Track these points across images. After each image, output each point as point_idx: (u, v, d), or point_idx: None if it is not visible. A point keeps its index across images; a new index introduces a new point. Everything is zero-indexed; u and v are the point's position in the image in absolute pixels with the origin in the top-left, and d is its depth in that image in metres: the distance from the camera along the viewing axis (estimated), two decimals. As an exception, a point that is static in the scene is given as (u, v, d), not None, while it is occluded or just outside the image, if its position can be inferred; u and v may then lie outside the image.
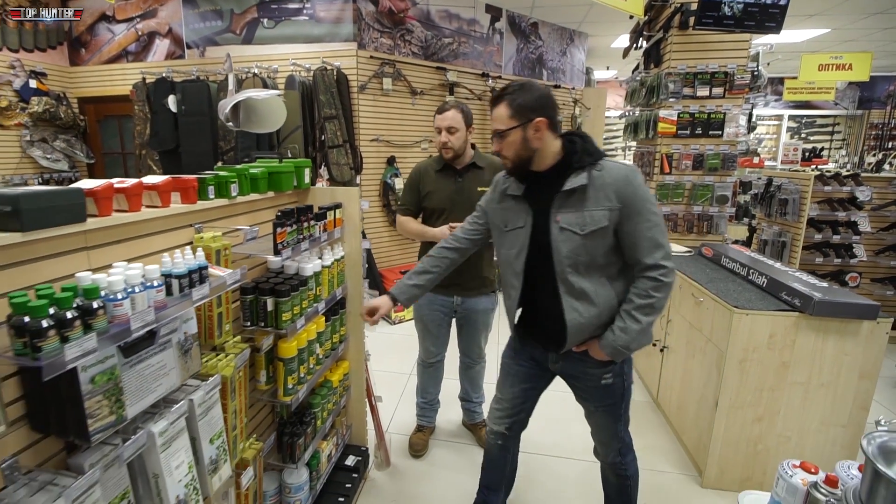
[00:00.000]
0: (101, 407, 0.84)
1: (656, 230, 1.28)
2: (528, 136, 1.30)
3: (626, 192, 1.27)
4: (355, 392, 2.08)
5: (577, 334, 1.36)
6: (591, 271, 1.33)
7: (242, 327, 1.44)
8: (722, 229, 3.31)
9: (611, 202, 1.27)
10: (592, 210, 1.29)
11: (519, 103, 1.29)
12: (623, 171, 1.30)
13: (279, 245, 1.36)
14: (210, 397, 1.13)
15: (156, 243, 1.15)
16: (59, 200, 0.86)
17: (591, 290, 1.33)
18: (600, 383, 1.43)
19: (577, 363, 1.44)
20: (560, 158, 1.34)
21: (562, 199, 1.32)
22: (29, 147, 4.47)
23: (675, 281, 1.31)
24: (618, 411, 1.49)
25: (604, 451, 1.60)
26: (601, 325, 1.35)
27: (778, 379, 1.99)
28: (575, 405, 1.58)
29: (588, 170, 1.29)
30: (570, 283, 1.33)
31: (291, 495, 1.60)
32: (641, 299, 1.29)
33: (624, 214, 1.28)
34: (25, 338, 0.68)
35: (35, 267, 0.86)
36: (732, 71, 3.05)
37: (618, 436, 1.53)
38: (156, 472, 0.99)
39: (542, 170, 1.36)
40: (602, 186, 1.28)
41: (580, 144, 1.34)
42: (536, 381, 1.59)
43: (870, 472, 0.80)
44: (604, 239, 1.30)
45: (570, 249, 1.31)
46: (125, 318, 0.81)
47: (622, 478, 1.59)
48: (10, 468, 0.82)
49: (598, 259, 1.32)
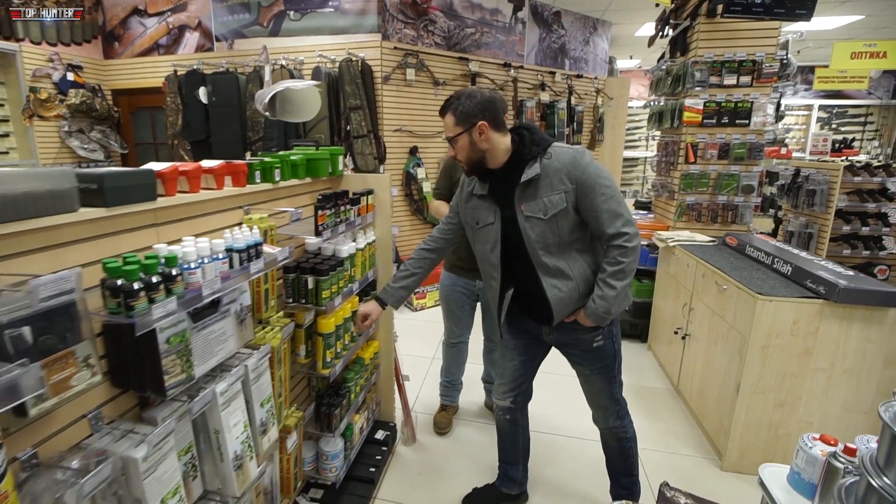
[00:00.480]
0: (174, 365, 0.94)
1: (612, 201, 1.37)
2: (474, 139, 1.40)
3: (576, 173, 1.37)
4: (384, 370, 2.17)
5: (562, 308, 1.46)
6: (561, 249, 1.43)
7: (285, 304, 1.54)
8: (747, 219, 3.29)
9: (564, 185, 1.38)
10: (550, 195, 1.39)
11: (461, 111, 1.39)
12: (570, 153, 1.39)
13: (320, 226, 1.45)
14: (261, 364, 1.23)
15: (212, 222, 1.24)
16: (135, 180, 0.95)
17: (564, 266, 1.43)
18: (592, 346, 1.54)
19: (568, 332, 1.54)
20: (512, 153, 1.44)
21: (521, 190, 1.42)
22: (67, 137, 4.67)
23: (639, 243, 1.39)
24: (612, 372, 1.59)
25: (603, 416, 1.68)
26: (581, 295, 1.45)
27: (801, 365, 2.00)
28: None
29: (539, 159, 1.39)
30: (545, 264, 1.44)
31: (328, 462, 1.70)
32: (612, 267, 1.39)
33: (579, 193, 1.37)
34: (119, 298, 0.78)
35: (115, 239, 0.96)
36: (761, 59, 3.00)
37: (614, 397, 1.63)
38: (217, 429, 1.09)
39: (498, 166, 1.45)
40: (555, 172, 1.38)
41: (528, 137, 1.44)
42: (533, 352, 1.70)
43: (887, 437, 0.84)
44: (566, 219, 1.40)
45: (538, 234, 1.42)
46: (198, 286, 0.91)
47: (622, 440, 1.68)
48: (94, 418, 0.93)
49: (565, 237, 1.42)
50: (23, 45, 4.30)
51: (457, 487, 1.98)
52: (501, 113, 1.42)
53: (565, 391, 2.65)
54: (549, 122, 5.13)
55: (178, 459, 0.97)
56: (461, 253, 2.13)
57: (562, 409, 2.58)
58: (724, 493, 1.99)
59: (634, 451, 1.74)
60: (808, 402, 2.03)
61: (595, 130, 5.81)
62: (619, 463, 1.76)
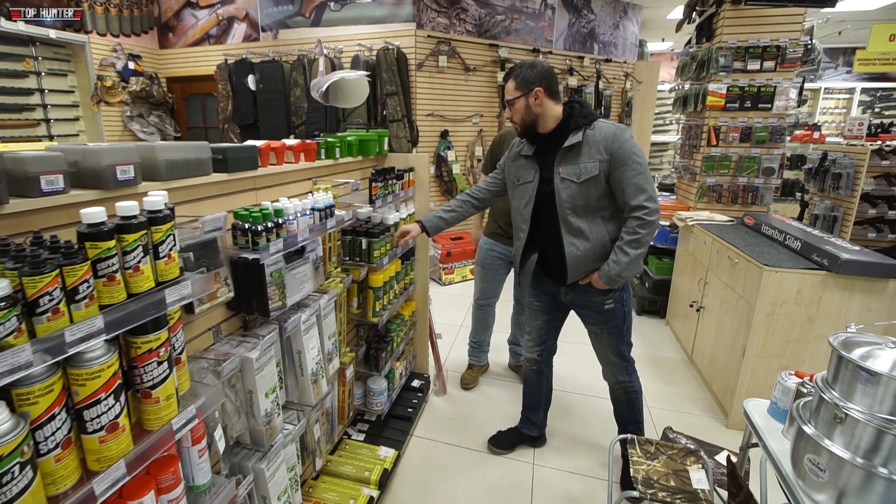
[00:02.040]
0: (274, 294, 1.24)
1: (640, 177, 1.55)
2: (529, 103, 1.61)
3: (613, 146, 1.56)
4: (420, 328, 2.46)
5: (576, 266, 1.67)
6: (587, 213, 1.63)
7: (341, 261, 1.83)
8: (767, 200, 3.39)
9: (601, 155, 1.57)
10: (586, 162, 1.58)
11: (521, 77, 1.60)
12: (612, 128, 1.58)
13: (374, 196, 1.72)
14: (329, 304, 1.53)
15: (291, 189, 1.53)
16: (246, 153, 1.24)
17: (586, 228, 1.64)
18: (604, 308, 1.75)
19: (583, 294, 1.75)
20: (560, 122, 1.65)
21: (562, 155, 1.61)
22: (129, 122, 5.12)
23: (658, 219, 1.58)
24: (620, 332, 1.80)
25: (612, 370, 1.90)
26: (595, 258, 1.65)
27: (804, 332, 2.18)
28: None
29: (583, 129, 1.59)
30: (570, 223, 1.65)
31: (374, 398, 2.01)
32: (630, 236, 1.57)
33: (612, 165, 1.56)
34: (247, 237, 1.07)
35: (230, 198, 1.26)
36: (784, 45, 3.08)
37: (622, 354, 1.84)
38: (299, 350, 1.40)
39: (546, 132, 1.65)
40: (595, 142, 1.58)
41: (578, 109, 1.64)
42: (554, 313, 1.94)
43: (834, 358, 1.06)
44: (596, 186, 1.59)
45: (569, 195, 1.61)
46: (294, 233, 1.19)
47: (630, 393, 1.91)
48: (216, 331, 1.24)
49: (592, 202, 1.61)
50: (91, 36, 4.72)
51: (481, 431, 2.27)
52: (557, 84, 1.65)
53: (586, 355, 2.89)
54: (576, 106, 5.25)
55: (275, 367, 1.28)
56: (501, 222, 2.40)
57: (580, 370, 2.82)
58: (727, 446, 2.20)
59: (640, 403, 1.96)
60: (810, 367, 2.20)
61: (623, 114, 5.88)
62: (627, 413, 1.98)
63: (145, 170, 0.97)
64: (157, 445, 0.81)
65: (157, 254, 0.79)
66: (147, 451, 0.79)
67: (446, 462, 2.07)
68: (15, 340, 0.59)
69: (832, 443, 1.00)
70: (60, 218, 0.82)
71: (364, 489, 1.70)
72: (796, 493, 1.06)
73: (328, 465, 1.81)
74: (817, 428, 1.05)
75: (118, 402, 0.73)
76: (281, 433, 1.30)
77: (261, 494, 1.27)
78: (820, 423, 1.05)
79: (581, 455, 2.14)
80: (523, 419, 2.16)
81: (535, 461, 2.10)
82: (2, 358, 0.57)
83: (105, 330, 0.68)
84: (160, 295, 0.78)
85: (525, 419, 2.15)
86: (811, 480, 1.04)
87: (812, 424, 1.07)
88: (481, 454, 2.13)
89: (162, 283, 0.80)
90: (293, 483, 1.40)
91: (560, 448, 2.19)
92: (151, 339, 0.78)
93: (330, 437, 1.79)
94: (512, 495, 1.90)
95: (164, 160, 0.99)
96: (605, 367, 1.93)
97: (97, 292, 0.69)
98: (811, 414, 1.11)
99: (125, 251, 0.73)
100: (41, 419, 0.65)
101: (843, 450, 0.98)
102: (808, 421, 1.08)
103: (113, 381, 0.71)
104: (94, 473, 0.73)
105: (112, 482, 0.73)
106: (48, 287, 0.62)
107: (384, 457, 1.89)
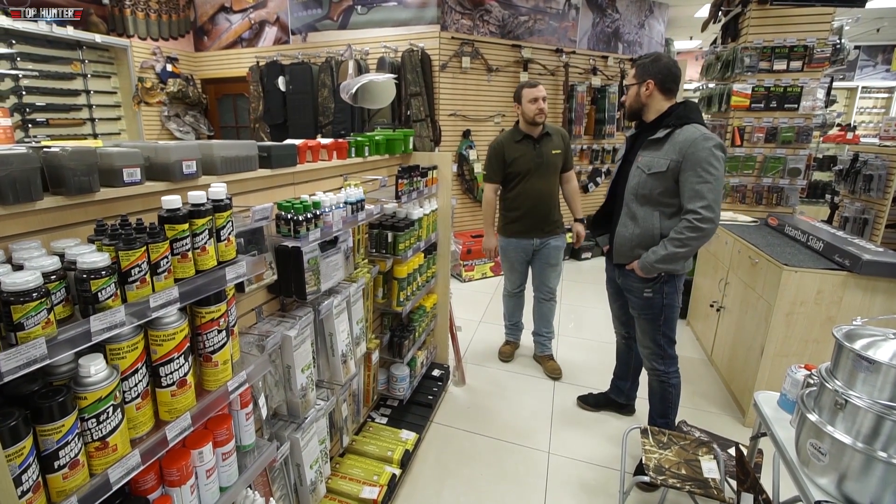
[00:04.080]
0: (310, 279, 1.36)
1: (704, 186, 1.62)
2: (640, 92, 1.77)
3: (688, 151, 1.65)
4: (441, 320, 2.57)
5: (620, 243, 1.84)
6: (647, 202, 1.77)
7: (368, 253, 1.95)
8: (793, 202, 3.36)
9: (675, 155, 1.68)
10: (660, 158, 1.71)
11: (641, 67, 1.76)
12: (695, 134, 1.66)
13: (399, 192, 1.83)
14: (358, 292, 1.64)
15: (325, 185, 1.66)
16: (286, 151, 1.36)
17: (640, 215, 1.78)
18: (643, 295, 1.86)
19: (629, 279, 1.89)
20: (660, 116, 1.78)
21: (646, 145, 1.77)
22: (167, 121, 5.39)
23: (710, 229, 1.63)
24: (656, 322, 1.88)
25: (646, 355, 1.98)
26: (639, 245, 1.78)
27: (824, 332, 2.18)
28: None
29: (672, 129, 1.70)
30: (629, 207, 1.81)
31: (397, 384, 2.13)
32: (675, 234, 1.69)
33: (682, 166, 1.66)
34: (290, 226, 1.19)
35: (272, 192, 1.38)
36: (812, 45, 3.05)
37: (657, 342, 1.91)
38: (331, 332, 1.51)
39: (647, 121, 1.81)
40: (674, 143, 1.69)
41: (678, 110, 1.75)
42: (622, 296, 2.05)
43: (836, 348, 1.11)
44: (661, 182, 1.71)
45: (635, 182, 1.78)
46: (330, 224, 1.31)
47: (663, 384, 1.96)
48: (258, 312, 1.36)
49: (654, 195, 1.75)
50: (132, 40, 4.99)
51: (498, 421, 2.36)
52: (672, 82, 1.75)
53: (600, 351, 2.94)
54: (599, 106, 5.27)
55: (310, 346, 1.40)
56: (519, 220, 2.56)
57: (593, 364, 2.88)
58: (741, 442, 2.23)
59: (674, 400, 1.99)
60: (828, 367, 2.20)
61: (646, 114, 5.85)
62: (658, 405, 2.01)
63: (205, 165, 1.10)
64: (215, 403, 0.93)
65: (218, 237, 0.91)
66: (207, 407, 0.91)
67: (464, 447, 2.17)
68: (112, 303, 0.71)
69: (834, 429, 1.05)
70: (136, 205, 0.95)
71: (387, 467, 1.81)
72: (799, 478, 1.12)
73: (353, 444, 1.93)
74: (820, 415, 1.10)
75: (187, 362, 0.85)
76: (314, 407, 1.42)
77: (295, 462, 1.39)
78: (823, 410, 1.10)
79: (596, 445, 2.21)
80: (612, 385, 2.36)
81: (550, 450, 2.17)
82: (102, 318, 0.70)
83: (179, 299, 0.80)
84: (221, 272, 0.90)
85: (613, 385, 2.36)
86: (814, 465, 1.09)
87: (815, 412, 1.12)
88: (499, 442, 2.22)
89: (222, 263, 0.92)
90: (323, 455, 1.52)
91: (575, 438, 2.26)
92: (213, 311, 0.91)
93: (356, 418, 1.91)
94: (527, 480, 1.99)
95: (221, 157, 1.11)
96: (641, 350, 2.02)
97: (173, 267, 0.82)
98: (815, 402, 1.16)
99: (195, 233, 0.85)
100: (127, 371, 0.77)
101: (844, 435, 1.03)
102: (811, 409, 1.13)
103: (184, 343, 0.84)
104: (163, 423, 0.85)
105: (180, 430, 0.85)
106: (138, 260, 0.74)
107: (406, 439, 2.00)
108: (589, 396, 2.45)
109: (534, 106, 2.40)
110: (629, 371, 2.29)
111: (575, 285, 4.45)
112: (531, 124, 2.46)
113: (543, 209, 2.54)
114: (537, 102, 2.40)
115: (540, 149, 2.48)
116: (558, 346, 3.12)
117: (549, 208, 2.55)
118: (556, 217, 2.61)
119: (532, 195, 2.51)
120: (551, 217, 2.58)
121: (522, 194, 2.52)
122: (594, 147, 5.45)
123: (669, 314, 1.87)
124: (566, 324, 3.54)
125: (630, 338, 2.19)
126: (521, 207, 2.53)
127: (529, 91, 2.41)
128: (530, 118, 2.43)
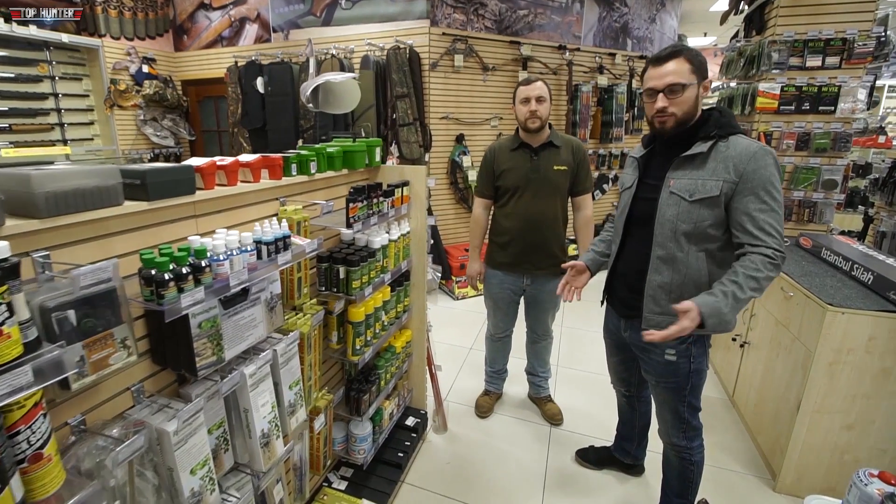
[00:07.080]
0: (205, 348, 1.01)
1: (771, 215, 1.23)
2: (700, 94, 1.31)
3: (747, 167, 1.24)
4: (417, 359, 2.21)
5: (654, 295, 1.38)
6: (690, 241, 1.32)
7: (318, 291, 1.59)
8: (827, 218, 2.96)
9: (728, 174, 1.26)
10: (707, 179, 1.28)
11: (699, 60, 1.29)
12: (752, 147, 1.26)
13: (351, 219, 1.48)
14: (290, 349, 1.29)
15: (249, 213, 1.30)
16: (175, 175, 1.02)
17: (682, 258, 1.33)
18: (664, 358, 1.44)
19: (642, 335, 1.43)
20: (691, 126, 1.34)
21: (678, 164, 1.34)
22: (143, 125, 5.08)
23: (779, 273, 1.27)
24: (681, 392, 1.48)
25: (664, 429, 1.60)
26: (677, 297, 1.32)
27: (876, 386, 1.80)
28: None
29: (715, 141, 1.29)
30: (666, 247, 1.35)
31: (357, 444, 1.77)
32: (751, 272, 1.20)
33: (739, 188, 1.24)
34: (152, 287, 0.84)
35: (156, 230, 1.03)
36: (852, 37, 2.65)
37: (680, 416, 1.52)
38: (246, 408, 1.16)
39: (674, 133, 1.36)
40: (724, 159, 1.27)
41: (716, 117, 1.33)
42: (624, 351, 1.68)
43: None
44: (711, 210, 1.28)
45: (674, 214, 1.33)
46: (225, 276, 0.96)
47: (684, 461, 1.58)
48: (137, 392, 1.02)
49: (702, 229, 1.30)
50: (104, 40, 4.69)
51: (484, 478, 1.99)
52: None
53: (603, 390, 2.57)
54: (606, 107, 4.88)
55: (209, 434, 1.05)
56: (506, 248, 2.12)
57: (596, 409, 2.50)
58: (773, 515, 1.85)
59: (695, 479, 1.61)
60: (883, 428, 1.82)
61: (655, 116, 5.46)
62: (676, 484, 1.64)
63: (16, 203, 0.75)
64: None
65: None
66: None
67: (438, 519, 1.81)
68: None
69: None
70: None
71: (335, 558, 1.46)
72: None
73: (299, 524, 1.58)
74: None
75: None
76: (218, 513, 1.07)
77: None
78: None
79: (596, 518, 1.84)
80: (616, 443, 2.01)
81: (541, 523, 1.81)
82: None
83: None
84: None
85: (617, 444, 2.00)
86: None
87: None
88: (479, 511, 1.86)
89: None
90: (239, 565, 1.17)
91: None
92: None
93: (300, 494, 1.56)
94: (511, 568, 1.63)
95: (45, 192, 0.77)
96: (659, 422, 1.63)
97: None
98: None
99: None
100: None
101: None
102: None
103: None
104: None
105: None
106: None
107: (365, 514, 1.65)
108: (590, 451, 2.08)
109: (525, 108, 1.96)
110: (635, 431, 1.93)
111: (575, 306, 4.05)
112: (526, 130, 2.02)
113: (536, 238, 2.05)
114: (529, 104, 1.95)
115: (538, 162, 2.03)
116: (556, 381, 2.75)
117: (544, 238, 2.05)
118: (554, 251, 2.08)
119: (522, 218, 2.05)
120: (547, 249, 2.07)
121: (512, 215, 2.07)
122: (600, 151, 5.06)
123: (697, 381, 1.46)
124: (565, 354, 3.16)
125: (633, 396, 1.84)
126: (509, 232, 2.08)
127: (522, 89, 1.97)
128: (522, 122, 2.01)
